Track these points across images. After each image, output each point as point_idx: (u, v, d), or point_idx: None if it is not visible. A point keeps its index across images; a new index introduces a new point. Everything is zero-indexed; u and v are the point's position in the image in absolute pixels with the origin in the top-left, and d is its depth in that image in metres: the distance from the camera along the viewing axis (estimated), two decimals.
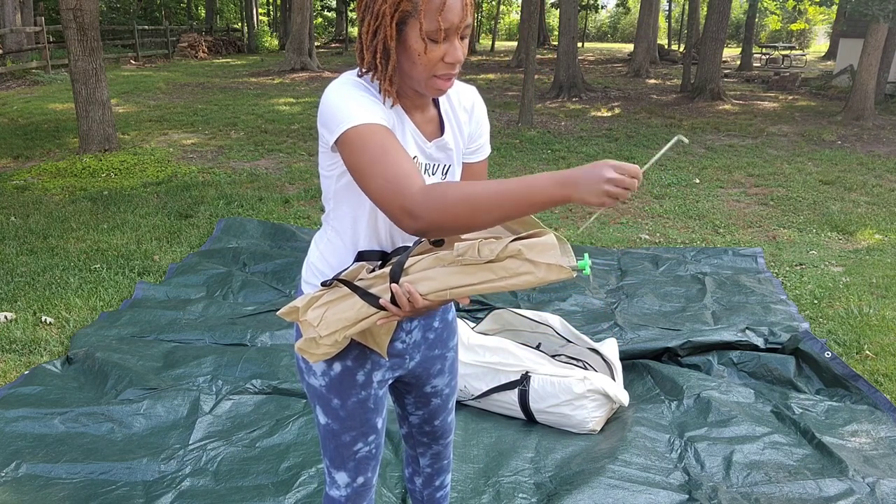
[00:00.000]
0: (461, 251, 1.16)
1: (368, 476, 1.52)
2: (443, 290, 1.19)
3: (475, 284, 1.17)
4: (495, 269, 1.15)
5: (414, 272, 1.21)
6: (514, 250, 1.13)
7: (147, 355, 3.10)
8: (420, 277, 1.20)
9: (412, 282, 1.20)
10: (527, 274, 1.14)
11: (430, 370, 1.55)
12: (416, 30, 1.17)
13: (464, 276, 1.17)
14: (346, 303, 1.26)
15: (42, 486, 2.28)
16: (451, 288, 1.18)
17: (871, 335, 3.48)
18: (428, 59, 1.18)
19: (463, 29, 1.18)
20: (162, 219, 5.39)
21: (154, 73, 17.05)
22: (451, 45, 1.18)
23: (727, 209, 6.09)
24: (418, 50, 1.18)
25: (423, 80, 1.22)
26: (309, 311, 1.28)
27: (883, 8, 9.96)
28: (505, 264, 1.14)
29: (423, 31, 1.16)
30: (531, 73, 10.19)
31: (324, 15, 35.52)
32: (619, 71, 19.89)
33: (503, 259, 1.14)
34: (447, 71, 1.20)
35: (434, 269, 1.19)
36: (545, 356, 2.84)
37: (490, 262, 1.15)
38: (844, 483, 2.29)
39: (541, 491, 2.31)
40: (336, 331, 1.26)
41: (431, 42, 1.17)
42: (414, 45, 1.18)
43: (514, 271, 1.14)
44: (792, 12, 22.85)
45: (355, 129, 1.17)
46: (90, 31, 7.17)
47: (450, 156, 1.37)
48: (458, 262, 1.17)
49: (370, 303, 1.23)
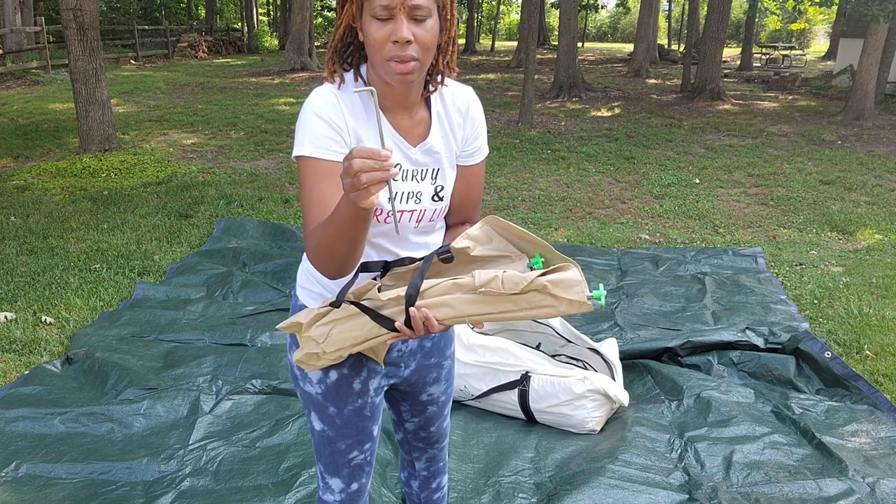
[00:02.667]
0: (484, 282, 1.15)
1: (363, 482, 1.51)
2: (461, 317, 1.17)
3: (494, 314, 1.16)
4: (517, 301, 1.14)
5: (430, 296, 1.18)
6: (540, 286, 1.13)
7: (147, 355, 3.10)
8: (437, 303, 1.17)
9: (428, 307, 1.17)
10: (548, 307, 1.13)
11: (426, 378, 1.55)
12: (368, 13, 1.20)
13: (483, 306, 1.16)
14: (355, 322, 1.23)
15: (42, 486, 2.28)
16: (470, 315, 1.17)
17: (871, 335, 3.48)
18: (375, 40, 1.19)
19: (409, 8, 1.18)
20: (162, 219, 5.39)
21: (154, 73, 17.05)
22: (396, 23, 1.18)
23: (727, 209, 6.09)
24: (368, 31, 1.20)
25: (381, 66, 1.22)
26: (313, 328, 1.26)
27: (883, 8, 9.96)
28: (528, 297, 1.14)
29: (372, 11, 1.19)
30: (531, 73, 10.19)
31: (324, 15, 35.51)
32: (619, 71, 19.89)
33: (527, 292, 1.14)
34: (396, 52, 1.19)
35: (452, 296, 1.17)
36: (545, 356, 2.84)
37: (513, 294, 1.14)
38: (844, 483, 2.29)
39: (541, 491, 2.31)
40: (342, 348, 1.24)
41: (378, 21, 1.19)
42: (366, 27, 1.21)
43: (537, 304, 1.14)
44: (792, 12, 22.87)
45: (301, 158, 1.25)
46: (90, 31, 7.17)
47: (438, 159, 1.35)
48: (478, 291, 1.15)
49: (383, 325, 1.21)
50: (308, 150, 1.23)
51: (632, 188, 6.83)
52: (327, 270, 1.18)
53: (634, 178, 7.27)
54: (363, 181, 1.00)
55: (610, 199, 6.43)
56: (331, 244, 1.13)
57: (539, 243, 1.22)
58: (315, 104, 1.25)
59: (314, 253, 1.17)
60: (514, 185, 6.79)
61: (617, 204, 6.26)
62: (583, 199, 6.35)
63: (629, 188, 6.83)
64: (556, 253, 1.21)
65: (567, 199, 6.36)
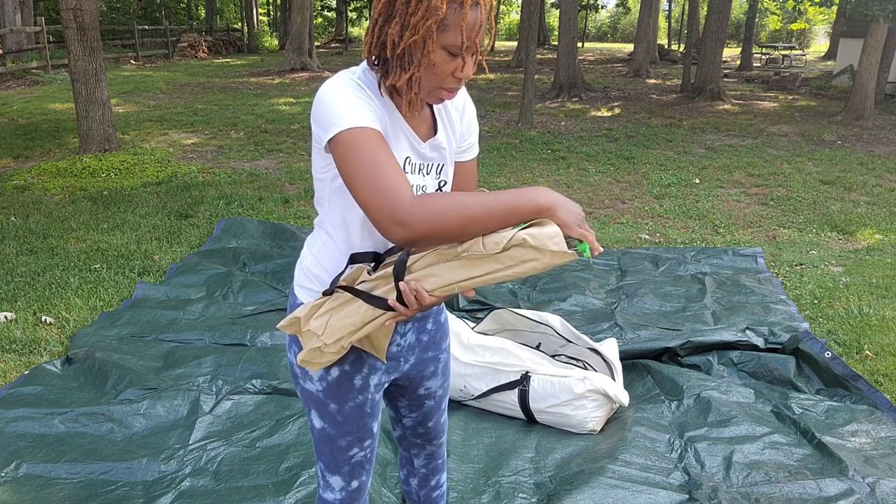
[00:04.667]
0: (465, 246, 1.17)
1: (363, 480, 1.52)
2: (449, 284, 1.19)
3: (481, 276, 1.18)
4: (501, 259, 1.16)
5: (417, 269, 1.21)
6: (520, 240, 1.14)
7: (147, 355, 3.10)
8: (424, 274, 1.20)
9: (417, 279, 1.20)
10: (532, 261, 1.15)
11: (424, 372, 1.56)
12: (441, 41, 1.20)
13: (469, 269, 1.18)
14: (350, 307, 1.25)
15: (42, 486, 2.28)
16: (458, 282, 1.19)
17: (871, 335, 3.48)
18: (441, 71, 1.22)
19: (478, 49, 1.24)
20: (162, 219, 5.39)
21: (154, 73, 17.05)
22: (465, 62, 1.23)
23: (727, 209, 6.09)
24: (435, 60, 1.21)
25: (429, 89, 1.25)
26: (311, 321, 1.27)
27: (883, 8, 9.96)
28: (510, 253, 1.15)
29: (446, 44, 1.20)
30: (531, 73, 10.19)
31: (324, 15, 35.49)
32: (619, 71, 19.89)
33: (509, 248, 1.15)
34: (454, 85, 1.25)
35: (437, 265, 1.19)
36: (545, 356, 2.84)
37: (495, 253, 1.16)
38: (844, 483, 2.29)
39: (541, 491, 2.31)
40: (342, 337, 1.25)
41: (450, 55, 1.21)
42: (433, 55, 1.21)
43: (520, 259, 1.15)
44: (792, 12, 22.86)
45: (348, 132, 1.17)
46: (90, 31, 7.17)
47: (443, 155, 1.39)
48: (461, 256, 1.18)
49: (377, 305, 1.23)
50: (359, 121, 1.18)
51: (632, 188, 6.83)
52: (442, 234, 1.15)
53: (634, 178, 7.27)
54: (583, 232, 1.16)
55: (610, 199, 6.43)
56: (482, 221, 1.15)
57: None
58: (342, 84, 1.23)
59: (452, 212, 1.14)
60: (513, 185, 6.79)
61: (617, 204, 6.26)
62: (583, 199, 6.35)
63: (629, 188, 6.83)
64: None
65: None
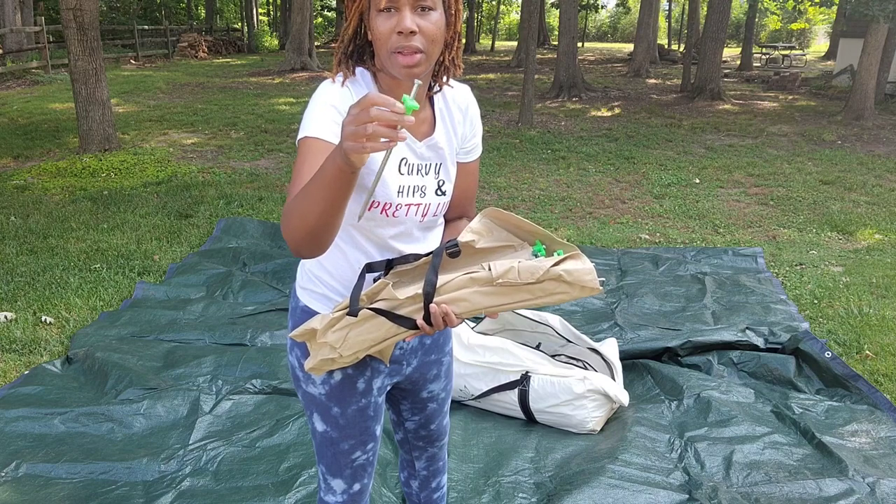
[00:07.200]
0: (501, 273, 1.18)
1: (365, 482, 1.51)
2: (477, 310, 1.21)
3: (510, 304, 1.20)
4: (533, 291, 1.19)
5: (446, 292, 1.21)
6: (555, 275, 1.17)
7: (147, 355, 3.10)
8: (454, 298, 1.20)
9: (447, 302, 1.20)
10: (563, 294, 1.18)
11: (427, 375, 1.55)
12: (374, 8, 1.22)
13: (500, 297, 1.20)
14: (372, 323, 1.25)
15: (42, 486, 2.28)
16: (487, 307, 1.21)
17: (871, 335, 3.48)
18: (380, 32, 1.21)
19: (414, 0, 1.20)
20: (162, 219, 5.39)
21: (154, 72, 17.04)
22: (400, 14, 1.20)
23: (727, 209, 6.09)
24: (374, 25, 1.22)
25: (387, 60, 1.23)
26: (329, 334, 1.26)
27: (883, 8, 9.96)
28: (543, 286, 1.18)
29: (377, 4, 1.20)
30: (531, 73, 10.19)
31: (324, 15, 35.50)
32: (619, 71, 19.89)
33: (543, 281, 1.18)
34: (401, 43, 1.20)
35: (468, 290, 1.20)
36: (545, 356, 2.84)
37: (529, 283, 1.18)
38: (844, 483, 2.29)
39: (541, 491, 2.31)
40: (359, 350, 1.26)
41: (383, 13, 1.21)
42: (373, 22, 1.22)
43: (551, 291, 1.18)
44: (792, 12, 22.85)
45: (303, 139, 1.22)
46: (90, 30, 7.17)
47: (441, 154, 1.38)
48: (495, 283, 1.19)
49: (403, 325, 1.23)
50: (312, 132, 1.22)
51: (632, 188, 6.83)
52: (294, 237, 1.10)
53: (634, 177, 7.27)
54: (370, 131, 0.94)
55: (610, 198, 6.43)
56: (304, 207, 1.06)
57: (538, 231, 1.26)
58: (326, 93, 1.26)
59: (286, 217, 1.10)
60: (513, 185, 6.79)
61: (617, 204, 6.26)
62: (583, 199, 6.35)
63: (629, 188, 6.83)
64: (555, 239, 1.25)
65: (567, 198, 6.36)
